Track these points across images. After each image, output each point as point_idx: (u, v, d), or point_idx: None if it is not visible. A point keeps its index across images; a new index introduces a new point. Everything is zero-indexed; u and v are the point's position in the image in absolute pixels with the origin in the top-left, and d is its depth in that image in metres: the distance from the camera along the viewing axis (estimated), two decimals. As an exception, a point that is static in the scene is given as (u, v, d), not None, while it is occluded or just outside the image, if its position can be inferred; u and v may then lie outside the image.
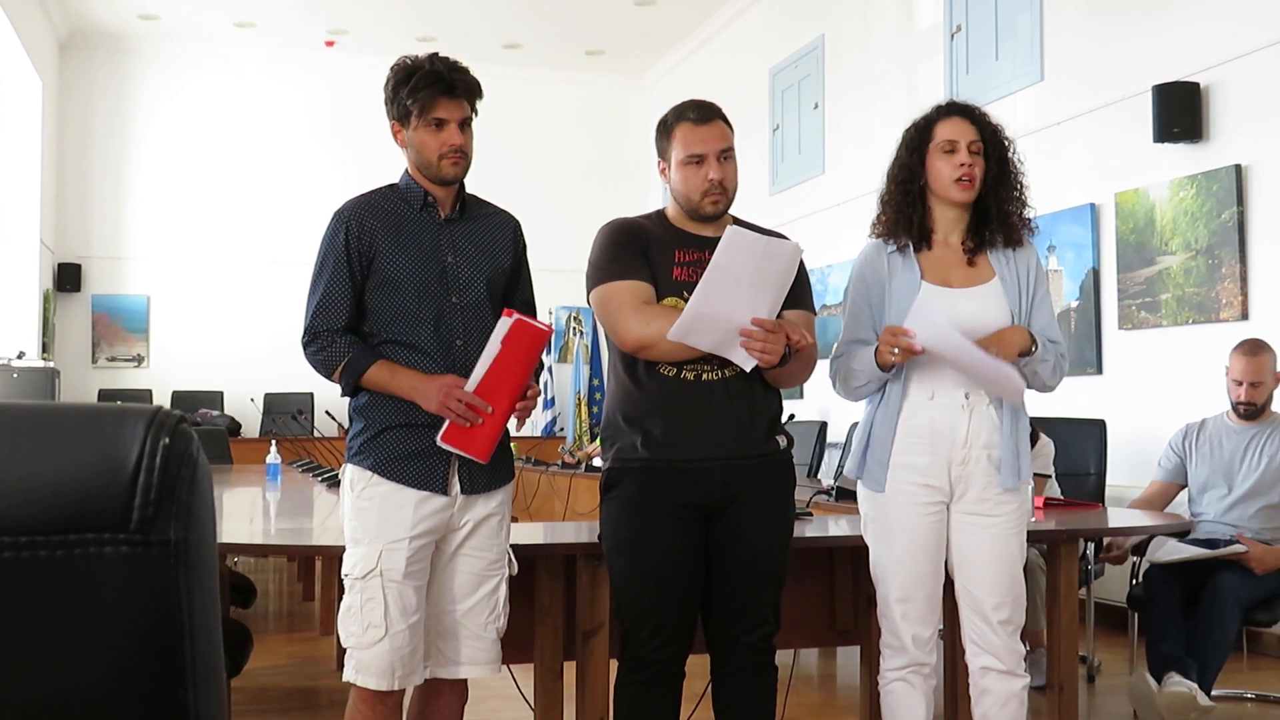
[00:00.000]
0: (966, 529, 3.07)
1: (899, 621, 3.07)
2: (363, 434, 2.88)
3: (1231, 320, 5.92)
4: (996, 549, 3.06)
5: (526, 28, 12.03)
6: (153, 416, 0.74)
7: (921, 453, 3.05)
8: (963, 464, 3.04)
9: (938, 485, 3.05)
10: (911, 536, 3.06)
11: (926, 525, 3.06)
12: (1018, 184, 3.14)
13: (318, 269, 2.92)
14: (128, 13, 11.68)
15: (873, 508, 3.13)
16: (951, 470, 3.05)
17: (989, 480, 3.05)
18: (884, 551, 3.10)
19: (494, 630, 2.94)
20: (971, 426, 3.04)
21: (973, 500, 3.06)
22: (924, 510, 3.06)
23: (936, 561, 3.09)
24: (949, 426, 3.04)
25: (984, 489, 3.05)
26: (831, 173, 9.84)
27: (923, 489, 3.05)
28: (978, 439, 3.04)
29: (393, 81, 2.91)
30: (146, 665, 0.74)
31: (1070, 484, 5.33)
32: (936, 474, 3.05)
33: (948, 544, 3.10)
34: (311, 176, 12.55)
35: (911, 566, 3.06)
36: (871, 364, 3.03)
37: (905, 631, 3.07)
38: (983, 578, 3.06)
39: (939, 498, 3.07)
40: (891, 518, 3.08)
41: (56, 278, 12.20)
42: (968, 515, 3.07)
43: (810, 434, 7.41)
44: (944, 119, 3.11)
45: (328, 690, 5.23)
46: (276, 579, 8.78)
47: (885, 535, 3.10)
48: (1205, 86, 6.14)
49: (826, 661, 5.65)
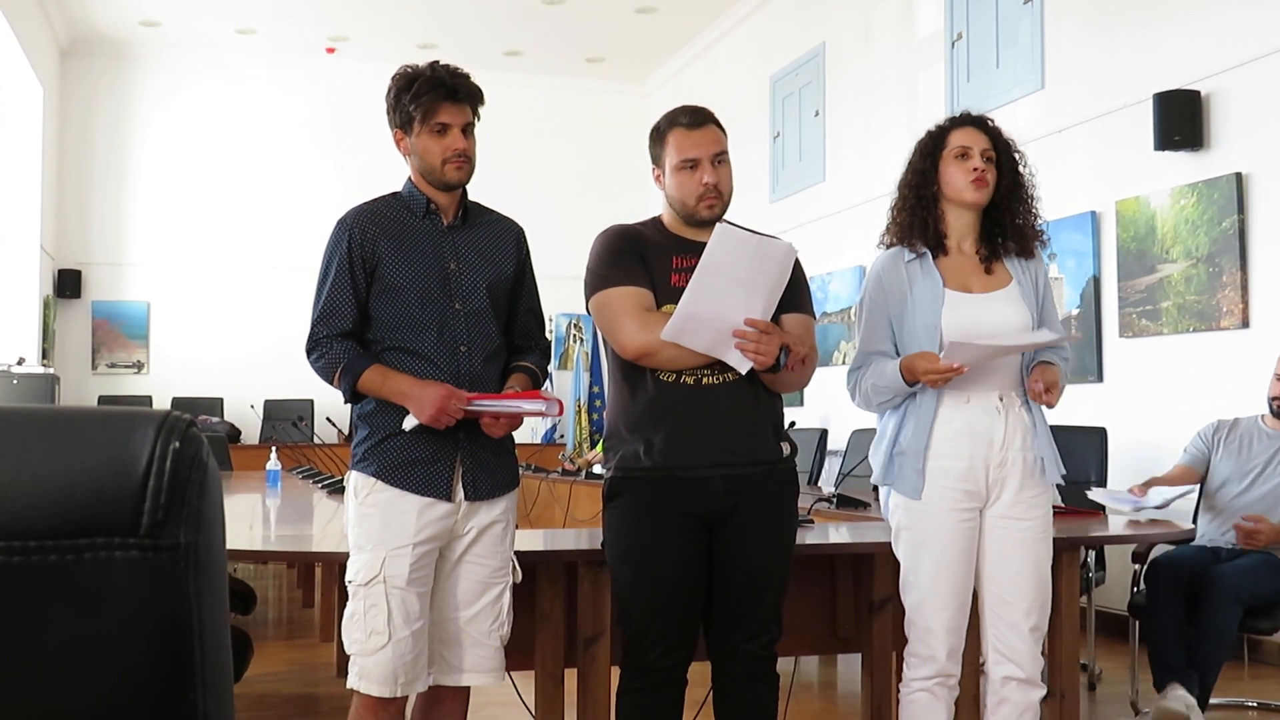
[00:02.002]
0: (999, 533, 3.07)
1: (939, 632, 3.05)
2: (367, 440, 2.88)
3: (1232, 328, 5.92)
4: (1028, 553, 3.07)
5: (527, 35, 12.04)
6: (163, 420, 0.74)
7: (959, 457, 3.05)
8: (1000, 466, 3.05)
9: (975, 490, 3.06)
10: (949, 544, 3.05)
11: (964, 532, 3.06)
12: (1029, 195, 3.19)
13: (321, 277, 2.93)
14: (129, 19, 11.69)
15: (907, 516, 3.11)
16: (990, 473, 3.06)
17: (1024, 481, 3.07)
18: (920, 561, 3.08)
19: (497, 638, 2.94)
20: (1009, 427, 3.06)
21: (1007, 503, 3.07)
22: (961, 517, 3.06)
23: (969, 570, 3.09)
24: (986, 429, 3.06)
25: (1019, 491, 3.07)
26: (832, 180, 9.85)
27: (961, 494, 3.05)
28: (1014, 440, 3.07)
29: (394, 89, 2.92)
30: (156, 669, 0.74)
31: (1071, 492, 5.31)
32: (975, 478, 3.05)
33: (978, 551, 3.10)
34: (311, 183, 12.56)
35: (950, 575, 3.05)
36: (898, 382, 3.04)
37: (942, 643, 3.05)
38: (1015, 583, 3.06)
39: (975, 503, 3.07)
40: (928, 526, 3.07)
41: (57, 284, 12.20)
42: (1002, 519, 3.07)
43: (811, 441, 7.41)
44: (958, 128, 3.17)
45: (327, 697, 5.23)
46: (276, 585, 8.77)
47: (921, 545, 3.08)
48: (1206, 95, 6.15)
49: (827, 669, 5.65)
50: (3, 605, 0.72)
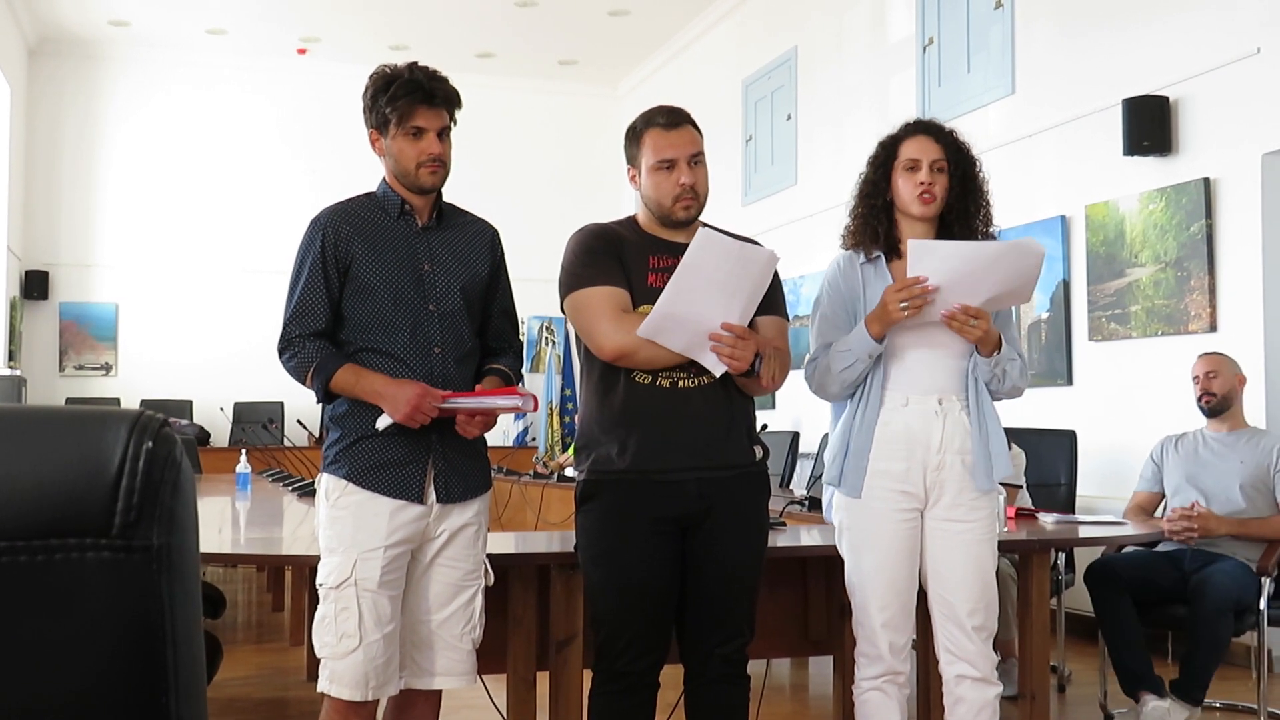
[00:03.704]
0: (941, 535, 3.10)
1: (878, 630, 3.09)
2: (339, 443, 2.87)
3: (1200, 332, 5.97)
4: (970, 555, 3.10)
5: (499, 37, 12.02)
6: (135, 420, 0.73)
7: (897, 459, 3.08)
8: (938, 469, 3.08)
9: (913, 491, 3.09)
10: (889, 543, 3.08)
11: (904, 532, 3.09)
12: (982, 202, 3.20)
13: (294, 276, 2.91)
14: (98, 19, 11.61)
15: (848, 516, 3.15)
16: (927, 476, 3.08)
17: (963, 485, 3.09)
18: (861, 560, 3.12)
19: (469, 641, 2.93)
20: (946, 431, 3.08)
21: (947, 506, 3.09)
22: (900, 517, 3.09)
23: (912, 569, 3.12)
24: (924, 432, 3.08)
25: (958, 494, 3.09)
26: (804, 184, 9.87)
27: (899, 495, 3.08)
28: (951, 444, 3.09)
29: (371, 90, 2.90)
30: (128, 671, 0.73)
31: (1041, 494, 5.35)
32: (913, 480, 3.08)
33: (921, 552, 3.12)
34: (282, 185, 12.51)
35: (889, 574, 3.08)
36: (863, 339, 3.04)
37: (883, 640, 3.08)
38: (958, 584, 3.09)
39: (914, 504, 3.10)
40: (868, 525, 3.10)
41: (24, 285, 12.09)
42: (942, 522, 3.10)
43: (783, 444, 7.42)
44: (909, 137, 3.18)
45: (297, 701, 5.20)
46: (246, 589, 8.72)
47: (862, 543, 3.12)
48: (1174, 100, 6.20)
49: (799, 671, 5.66)
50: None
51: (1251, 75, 5.79)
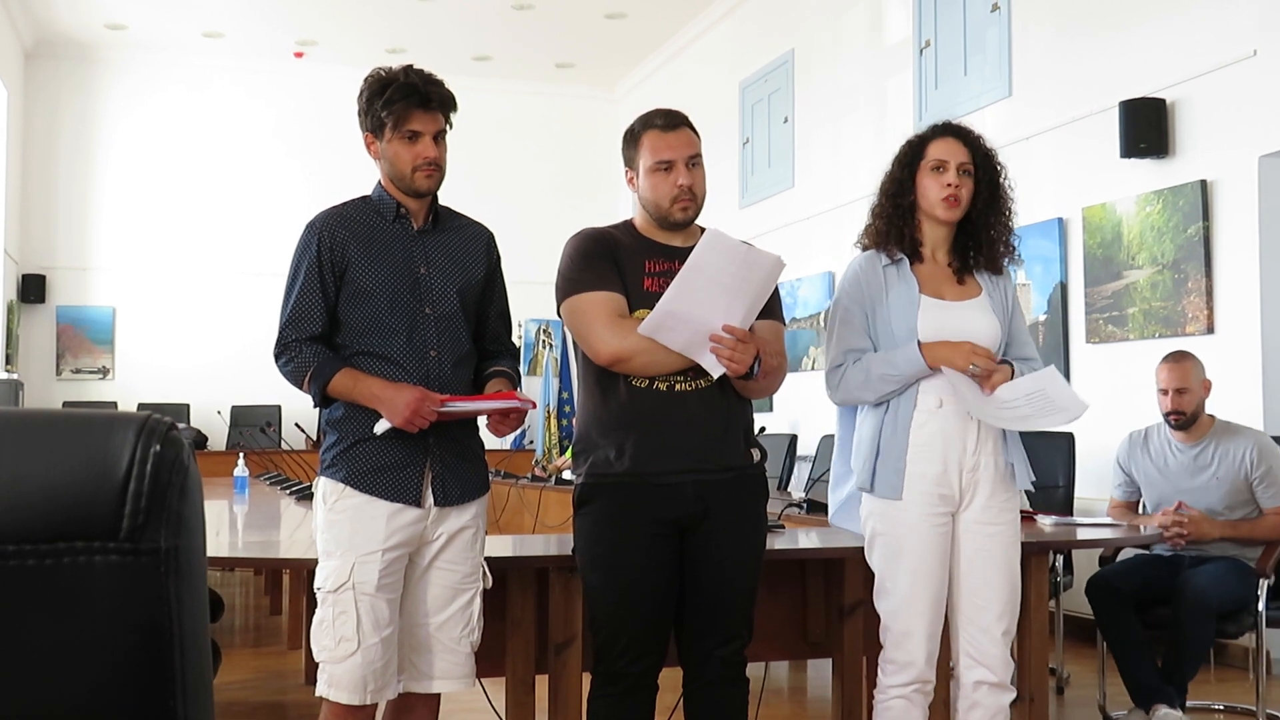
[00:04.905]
0: (973, 538, 3.09)
1: (919, 638, 3.05)
2: (336, 446, 2.87)
3: (1198, 334, 5.97)
4: (1004, 558, 3.10)
5: (496, 40, 12.02)
6: (143, 423, 0.73)
7: (933, 461, 3.07)
8: (973, 471, 3.08)
9: (949, 494, 3.08)
10: (926, 549, 3.06)
11: (939, 537, 3.07)
12: (1006, 210, 3.19)
13: (290, 280, 2.91)
14: (95, 21, 11.60)
15: (882, 522, 3.11)
16: (963, 477, 3.08)
17: (995, 487, 3.09)
18: (899, 566, 3.08)
19: (468, 644, 2.93)
20: (980, 434, 3.09)
21: (979, 508, 3.09)
22: (936, 521, 3.07)
23: (945, 574, 3.10)
24: (959, 434, 3.07)
25: (990, 496, 3.09)
26: (801, 186, 9.87)
27: (936, 498, 3.06)
28: (985, 445, 3.09)
29: (367, 93, 2.90)
30: (136, 674, 0.73)
31: (1039, 496, 5.34)
32: (949, 481, 3.07)
33: (951, 556, 3.11)
34: (279, 188, 12.50)
35: (927, 580, 3.06)
36: (916, 365, 3.02)
37: (922, 648, 3.05)
38: (988, 587, 3.08)
39: (949, 507, 3.09)
40: (905, 531, 3.06)
41: (20, 288, 12.08)
42: (976, 524, 3.09)
43: (781, 447, 7.42)
44: (937, 138, 3.16)
45: (295, 705, 5.20)
46: (243, 593, 8.71)
47: (899, 550, 3.07)
48: (1171, 103, 6.21)
49: (797, 674, 5.65)
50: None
51: (1248, 78, 5.80)
